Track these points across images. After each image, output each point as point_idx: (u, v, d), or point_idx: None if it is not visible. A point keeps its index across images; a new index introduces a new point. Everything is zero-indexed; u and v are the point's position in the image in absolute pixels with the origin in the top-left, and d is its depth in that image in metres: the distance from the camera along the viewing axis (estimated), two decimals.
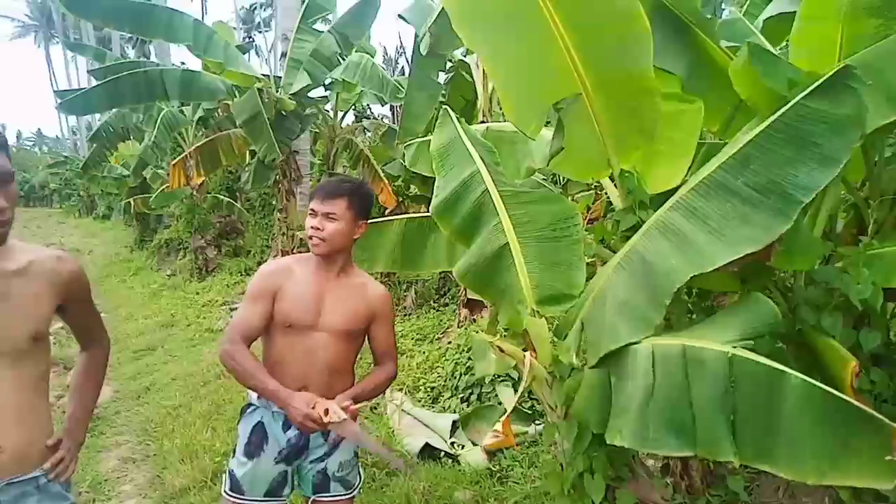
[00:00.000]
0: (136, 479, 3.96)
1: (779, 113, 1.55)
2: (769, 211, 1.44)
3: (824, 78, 1.52)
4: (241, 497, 2.06)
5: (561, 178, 5.29)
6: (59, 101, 7.43)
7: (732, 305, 1.74)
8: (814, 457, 1.21)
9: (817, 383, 1.22)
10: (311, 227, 2.05)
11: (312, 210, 2.07)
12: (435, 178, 2.30)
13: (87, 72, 11.58)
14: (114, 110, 9.14)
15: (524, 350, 2.03)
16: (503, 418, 1.65)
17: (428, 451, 3.85)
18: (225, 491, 2.10)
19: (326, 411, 1.85)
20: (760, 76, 1.90)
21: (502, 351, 2.00)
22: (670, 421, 1.41)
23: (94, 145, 12.07)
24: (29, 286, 1.57)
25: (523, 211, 2.04)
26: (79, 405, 1.84)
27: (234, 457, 2.11)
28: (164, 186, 11.26)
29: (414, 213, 3.55)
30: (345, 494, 2.14)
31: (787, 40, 2.45)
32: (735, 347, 1.36)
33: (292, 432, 2.06)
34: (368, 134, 10.00)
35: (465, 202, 2.13)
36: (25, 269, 1.58)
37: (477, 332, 3.15)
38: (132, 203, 13.32)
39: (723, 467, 2.45)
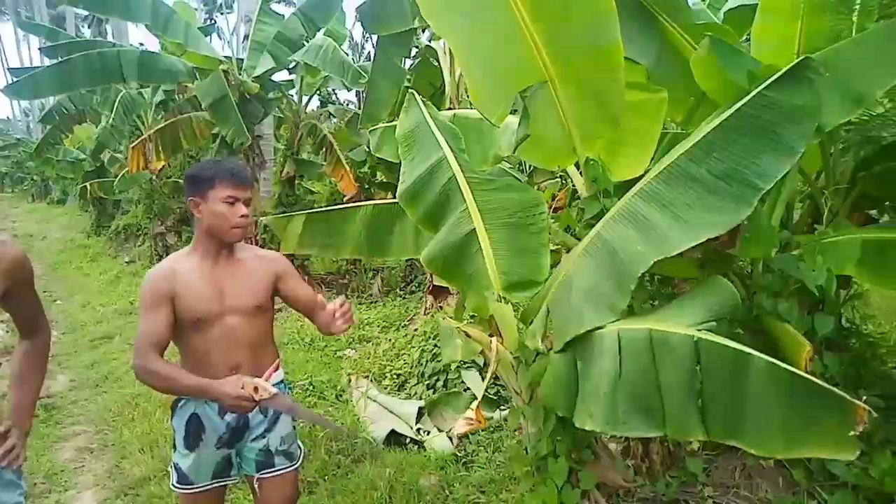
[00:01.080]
0: (95, 469, 3.87)
1: (740, 103, 1.59)
2: (731, 198, 1.48)
3: (784, 70, 1.56)
4: (190, 486, 2.09)
5: (527, 166, 5.33)
6: (6, 83, 7.12)
7: (693, 290, 1.78)
8: (780, 432, 1.26)
9: (782, 364, 1.27)
10: (240, 217, 2.01)
11: (233, 198, 2.00)
12: (399, 164, 2.29)
13: (39, 49, 11.13)
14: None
15: (490, 336, 2.04)
16: (474, 405, 1.67)
17: (394, 438, 3.85)
18: (173, 484, 2.12)
19: (256, 389, 1.87)
20: (722, 68, 1.94)
21: (469, 336, 2.01)
22: (639, 403, 1.44)
23: (48, 127, 11.66)
24: None
25: (490, 198, 2.04)
26: (23, 394, 1.78)
27: (175, 451, 2.11)
28: (123, 171, 10.94)
29: (380, 199, 3.52)
30: (289, 466, 2.17)
31: (748, 34, 2.51)
32: (699, 330, 1.40)
33: (230, 416, 2.07)
34: (334, 120, 9.88)
35: (431, 188, 2.13)
36: None
37: (444, 319, 3.17)
38: (89, 187, 12.90)
39: (682, 450, 2.52)
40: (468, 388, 4.20)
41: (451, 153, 2.12)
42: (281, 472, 2.15)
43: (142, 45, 9.45)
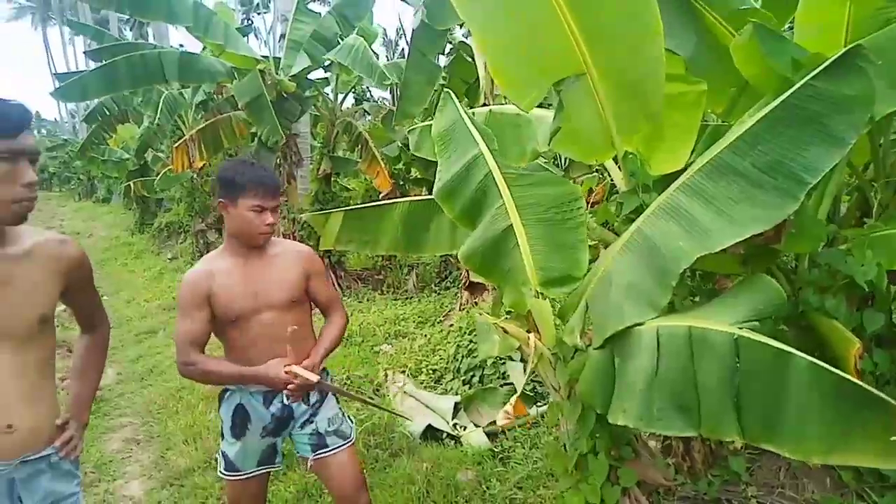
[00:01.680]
0: (141, 459, 3.99)
1: (787, 93, 1.54)
2: (776, 192, 1.44)
3: (833, 58, 1.51)
4: (237, 473, 2.20)
5: (563, 161, 5.28)
6: (55, 86, 7.36)
7: (736, 287, 1.74)
8: (819, 437, 1.22)
9: (824, 365, 1.23)
10: (266, 224, 2.08)
11: (260, 206, 2.06)
12: (435, 162, 2.29)
13: (84, 53, 11.47)
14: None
15: (528, 332, 2.04)
16: (513, 398, 1.67)
17: (430, 433, 3.88)
18: (221, 472, 2.23)
19: (295, 375, 1.98)
20: (764, 56, 1.88)
21: (506, 332, 2.01)
22: (675, 401, 1.42)
23: (92, 127, 12.02)
24: (34, 270, 1.57)
25: (527, 193, 2.03)
26: (82, 387, 1.86)
27: (223, 439, 2.23)
28: (165, 169, 11.22)
29: (416, 196, 3.54)
30: (344, 444, 2.26)
31: (792, 20, 2.43)
32: (741, 329, 1.36)
33: (274, 407, 2.18)
34: (369, 117, 9.95)
35: (468, 185, 2.12)
36: (30, 253, 1.58)
37: (480, 315, 3.17)
38: (132, 186, 13.28)
39: (724, 448, 2.47)
40: (504, 384, 4.20)
41: (486, 150, 2.11)
42: (336, 450, 2.24)
43: (181, 46, 9.65)
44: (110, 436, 4.36)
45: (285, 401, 2.16)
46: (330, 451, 2.23)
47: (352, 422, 2.36)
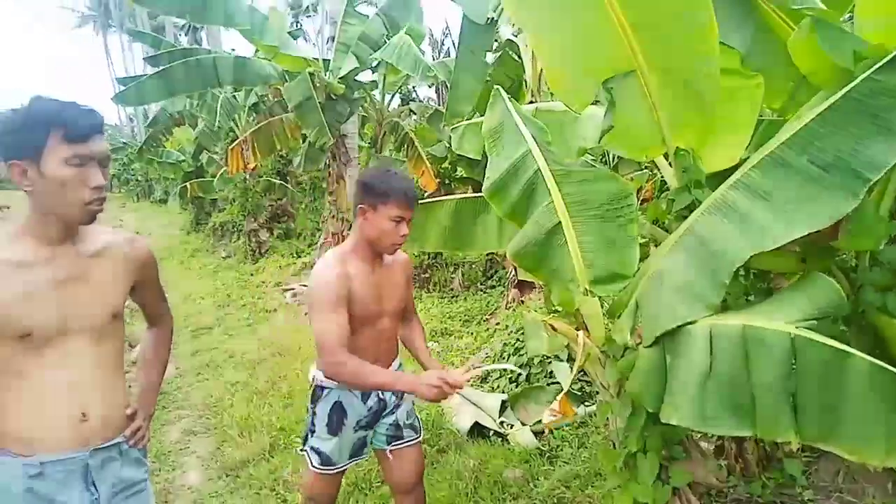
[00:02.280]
0: (198, 450, 4.14)
1: (847, 88, 1.50)
2: (835, 189, 1.40)
3: None
4: (332, 467, 2.27)
5: (611, 158, 5.21)
6: (115, 91, 7.68)
7: (793, 286, 1.70)
8: (879, 438, 1.19)
9: (885, 365, 1.19)
10: (401, 236, 2.14)
11: (400, 217, 2.11)
12: (480, 160, 2.31)
13: (143, 59, 11.93)
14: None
15: (577, 330, 2.04)
16: (560, 396, 1.68)
17: (477, 430, 3.90)
18: (315, 466, 2.28)
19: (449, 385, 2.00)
20: (824, 50, 1.83)
21: (555, 330, 2.01)
22: (728, 400, 1.40)
23: (151, 130, 12.48)
24: (107, 268, 1.67)
25: (576, 190, 2.03)
26: (149, 379, 1.95)
27: (313, 436, 2.28)
28: (220, 171, 11.57)
29: (463, 194, 3.56)
30: (416, 437, 2.38)
31: (851, 11, 2.35)
32: (797, 328, 1.34)
33: (372, 401, 2.26)
34: (414, 117, 10.03)
35: (517, 182, 2.13)
36: (102, 251, 1.67)
37: (528, 312, 3.18)
38: (188, 187, 13.73)
39: (779, 450, 2.41)
40: (551, 383, 4.19)
41: (536, 147, 2.12)
42: (409, 442, 2.35)
43: (233, 50, 9.94)
44: (169, 427, 4.53)
45: (381, 395, 2.26)
46: (404, 442, 2.34)
47: (419, 420, 2.45)
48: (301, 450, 2.36)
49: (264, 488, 3.51)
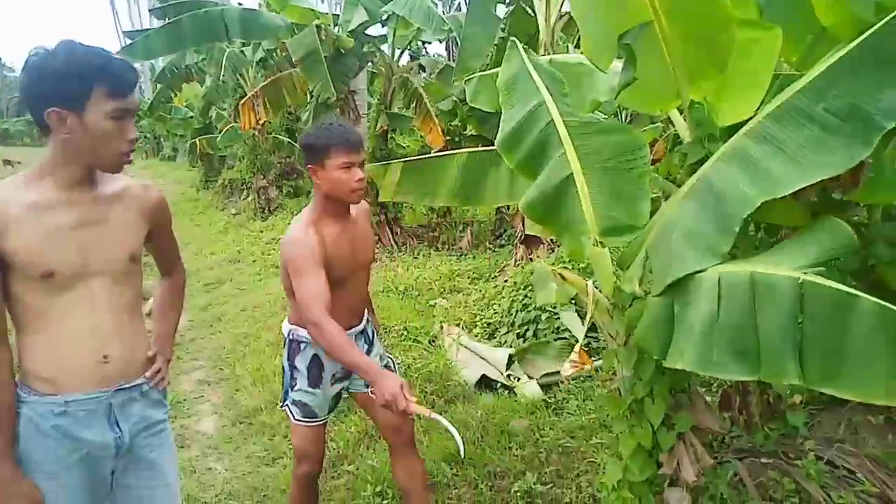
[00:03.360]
0: (212, 399, 4.26)
1: (865, 35, 1.48)
2: (849, 137, 1.40)
3: None
4: (315, 419, 2.34)
5: (625, 113, 5.15)
6: (121, 45, 7.61)
7: (802, 233, 1.71)
8: (880, 379, 1.21)
9: (891, 306, 1.21)
10: (356, 181, 2.12)
11: (349, 163, 2.10)
12: (492, 115, 2.30)
13: (149, 11, 11.77)
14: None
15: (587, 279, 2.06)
16: (577, 347, 1.72)
17: (484, 382, 3.98)
18: (298, 419, 2.33)
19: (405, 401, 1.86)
20: (847, 2, 1.80)
21: (564, 279, 2.04)
22: (734, 345, 1.43)
23: (160, 86, 12.38)
24: (125, 211, 1.70)
25: (589, 142, 2.03)
26: (164, 325, 2.00)
27: (294, 390, 2.31)
28: (228, 126, 11.52)
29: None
30: None
31: None
32: (805, 273, 1.36)
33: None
34: (424, 73, 9.90)
35: (529, 134, 2.13)
36: (120, 195, 1.70)
37: (538, 262, 3.22)
38: (197, 144, 13.70)
39: (783, 403, 2.46)
40: (558, 338, 4.24)
41: (550, 98, 2.11)
42: None
43: (240, 3, 9.85)
44: (184, 377, 4.65)
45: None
46: None
47: (392, 359, 2.54)
48: (281, 406, 2.40)
49: (277, 435, 3.62)
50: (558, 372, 3.83)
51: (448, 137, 7.89)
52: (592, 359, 3.86)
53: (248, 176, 11.33)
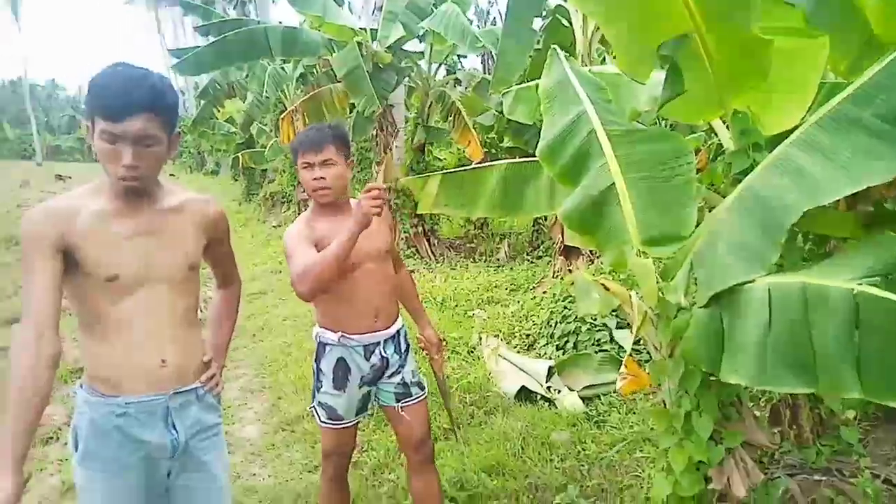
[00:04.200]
0: (255, 406, 4.34)
1: None
2: None
3: None
4: (340, 422, 2.36)
5: (664, 123, 5.09)
6: (173, 61, 7.85)
7: (854, 246, 1.67)
8: None
9: None
10: (313, 180, 2.21)
11: (307, 163, 2.22)
12: (529, 126, 2.30)
13: (194, 28, 12.16)
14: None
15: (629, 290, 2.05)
16: (625, 357, 1.71)
17: (524, 394, 3.96)
18: (323, 421, 2.38)
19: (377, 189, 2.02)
20: None
21: (607, 290, 2.03)
22: (789, 358, 1.40)
23: (203, 102, 12.74)
24: (184, 222, 1.77)
25: (632, 150, 2.01)
26: (219, 335, 2.06)
27: (320, 392, 2.37)
28: (270, 142, 11.78)
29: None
30: (422, 394, 2.47)
31: None
32: (860, 284, 1.32)
33: (375, 358, 2.33)
34: (461, 87, 9.98)
35: (570, 143, 2.13)
36: (180, 207, 1.78)
37: (579, 271, 3.19)
38: (240, 158, 14.04)
39: (835, 418, 2.38)
40: (598, 351, 4.20)
41: (591, 106, 2.11)
42: (418, 399, 2.45)
43: (280, 21, 10.11)
44: (228, 385, 4.74)
45: (383, 353, 2.34)
46: (413, 399, 2.42)
47: (423, 378, 2.55)
48: (310, 407, 2.47)
49: (318, 442, 3.64)
50: (600, 384, 3.79)
51: (486, 150, 7.92)
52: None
53: (289, 189, 11.56)
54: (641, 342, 2.40)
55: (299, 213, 10.00)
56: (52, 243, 1.56)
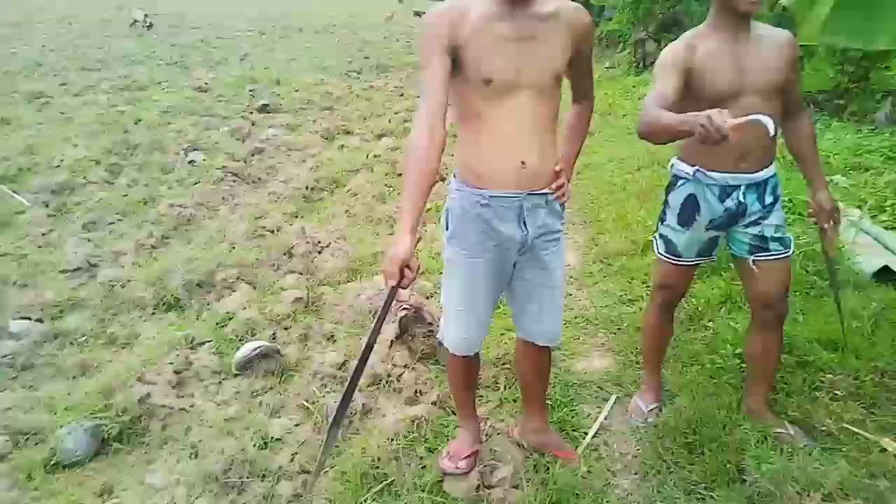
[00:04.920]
0: (575, 238, 4.52)
1: None
2: None
3: None
4: (678, 259, 2.31)
5: None
6: None
7: None
8: None
9: None
10: None
11: None
12: None
13: None
14: None
15: None
16: None
17: (884, 275, 3.38)
18: (661, 253, 2.35)
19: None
20: None
21: None
22: None
23: None
24: (555, 30, 1.78)
25: None
26: (570, 148, 2.13)
27: (663, 224, 2.31)
28: None
29: None
30: (784, 252, 2.19)
31: None
32: None
33: (731, 202, 2.14)
34: None
35: None
36: (554, 14, 1.78)
37: None
38: None
39: None
40: None
41: None
42: (776, 257, 2.19)
43: None
44: None
45: (741, 199, 2.13)
46: (771, 255, 2.18)
47: (791, 238, 2.24)
48: (652, 235, 2.42)
49: (636, 279, 3.71)
50: None
51: None
52: None
53: (627, 28, 10.92)
54: None
55: (634, 55, 9.53)
56: (444, 41, 1.71)
